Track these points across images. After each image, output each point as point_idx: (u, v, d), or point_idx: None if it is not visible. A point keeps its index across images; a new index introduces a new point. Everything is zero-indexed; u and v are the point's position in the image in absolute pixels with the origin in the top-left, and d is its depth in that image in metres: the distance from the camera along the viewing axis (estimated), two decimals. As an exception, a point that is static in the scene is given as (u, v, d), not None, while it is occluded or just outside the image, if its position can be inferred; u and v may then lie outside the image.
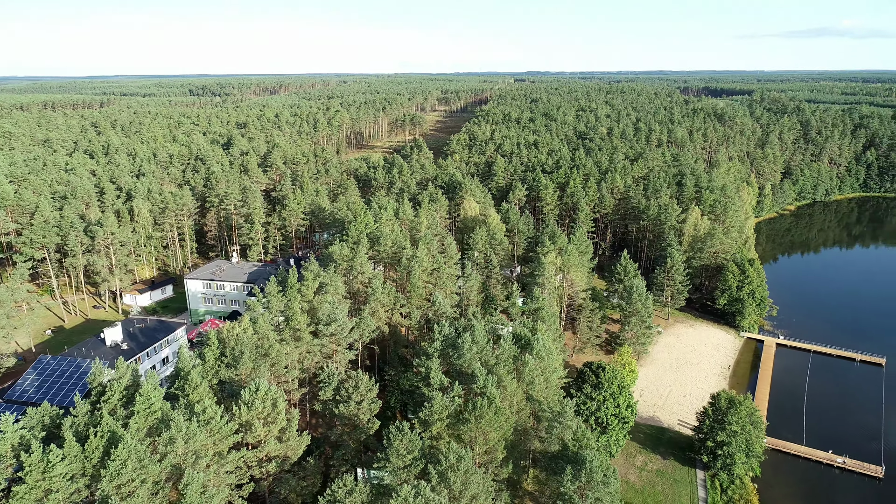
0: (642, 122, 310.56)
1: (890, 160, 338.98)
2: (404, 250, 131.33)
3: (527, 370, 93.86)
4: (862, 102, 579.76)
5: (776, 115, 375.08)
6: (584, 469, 72.04)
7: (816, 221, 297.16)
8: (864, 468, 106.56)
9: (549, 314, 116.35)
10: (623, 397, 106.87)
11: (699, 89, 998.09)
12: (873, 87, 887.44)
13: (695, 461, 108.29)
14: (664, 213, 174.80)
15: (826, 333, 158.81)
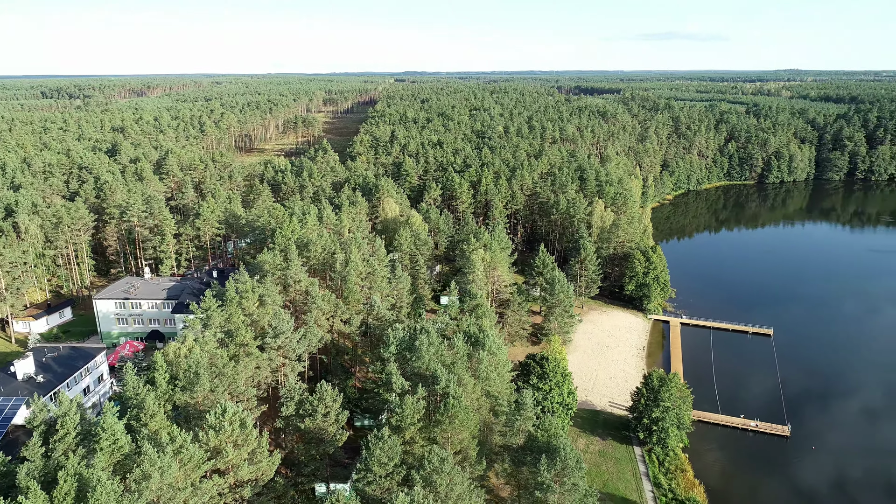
0: (535, 121, 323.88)
1: (748, 151, 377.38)
2: (335, 255, 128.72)
3: (482, 367, 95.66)
4: (715, 100, 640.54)
5: (650, 112, 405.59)
6: (558, 456, 74.87)
7: (691, 209, 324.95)
8: (773, 429, 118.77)
9: (488, 311, 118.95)
10: (566, 385, 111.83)
11: (571, 88, 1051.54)
12: (722, 85, 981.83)
13: (631, 439, 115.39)
14: (573, 207, 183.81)
15: (719, 310, 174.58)
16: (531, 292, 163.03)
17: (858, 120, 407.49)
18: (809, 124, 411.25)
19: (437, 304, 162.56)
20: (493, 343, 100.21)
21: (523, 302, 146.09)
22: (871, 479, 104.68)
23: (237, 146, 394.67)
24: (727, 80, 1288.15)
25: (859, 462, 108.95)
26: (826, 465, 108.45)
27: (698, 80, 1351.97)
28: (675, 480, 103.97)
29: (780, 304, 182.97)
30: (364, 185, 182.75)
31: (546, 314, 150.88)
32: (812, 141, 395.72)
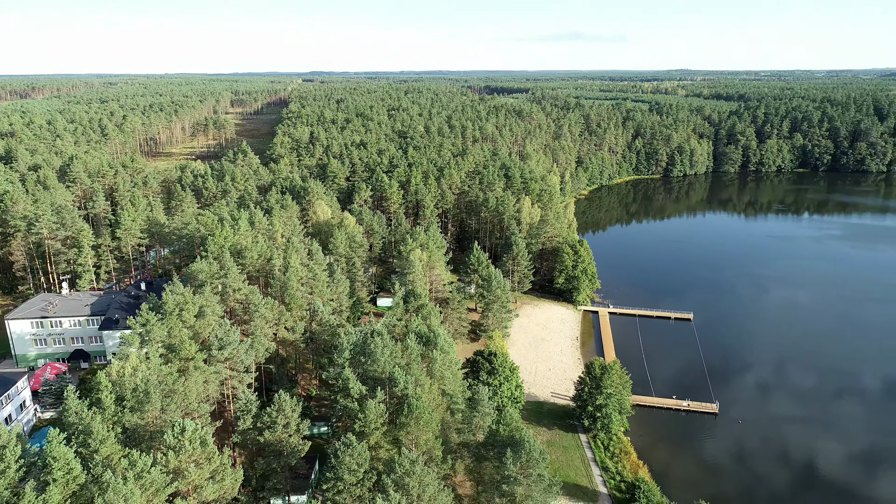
0: (455, 120, 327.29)
1: (653, 147, 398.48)
2: (272, 261, 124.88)
3: (436, 366, 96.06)
4: (619, 98, 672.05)
5: (563, 111, 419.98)
6: (523, 449, 76.52)
7: (605, 203, 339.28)
8: (703, 407, 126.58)
9: (433, 310, 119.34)
10: (514, 379, 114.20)
11: (481, 88, 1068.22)
12: (623, 84, 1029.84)
13: (576, 427, 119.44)
14: (502, 205, 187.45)
15: (642, 298, 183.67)
16: (467, 290, 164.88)
17: (748, 116, 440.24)
18: (706, 121, 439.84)
19: (374, 307, 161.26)
20: (444, 342, 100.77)
21: (462, 300, 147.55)
22: (791, 445, 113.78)
23: (142, 150, 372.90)
24: (627, 80, 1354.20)
25: (780, 431, 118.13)
26: (752, 436, 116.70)
27: (600, 79, 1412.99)
28: (620, 463, 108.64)
29: (695, 289, 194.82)
30: (292, 188, 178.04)
31: (484, 311, 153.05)
32: (709, 136, 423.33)
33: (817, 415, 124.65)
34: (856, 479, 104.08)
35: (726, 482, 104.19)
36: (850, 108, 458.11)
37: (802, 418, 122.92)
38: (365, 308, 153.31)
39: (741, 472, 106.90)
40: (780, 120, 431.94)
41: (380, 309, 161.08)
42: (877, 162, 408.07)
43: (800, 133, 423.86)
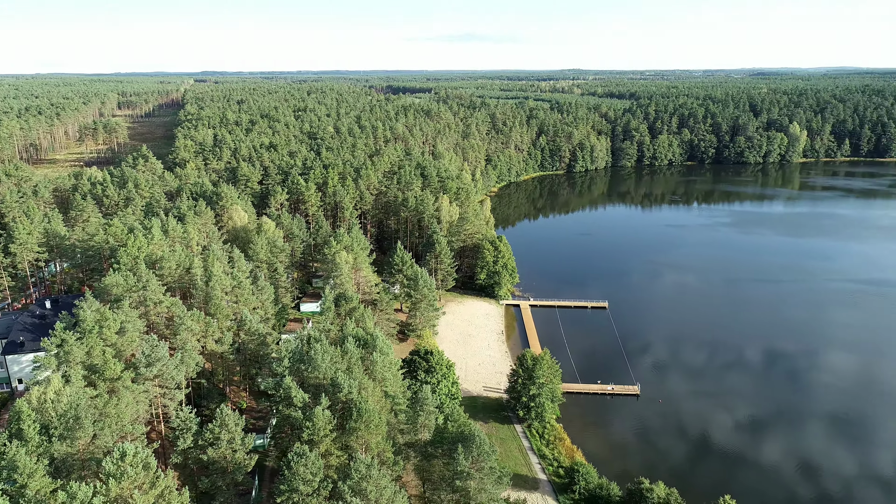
0: (365, 120, 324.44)
1: (556, 144, 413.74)
2: (191, 270, 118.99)
3: (377, 368, 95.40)
4: (520, 98, 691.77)
5: (469, 110, 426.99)
6: (474, 444, 77.71)
7: (513, 199, 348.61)
8: (626, 390, 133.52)
9: (367, 312, 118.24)
10: (451, 376, 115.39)
11: (383, 88, 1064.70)
12: (521, 83, 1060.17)
13: (510, 418, 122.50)
14: (421, 204, 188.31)
15: (559, 290, 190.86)
16: (391, 290, 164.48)
17: (641, 114, 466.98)
18: (603, 118, 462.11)
19: (298, 312, 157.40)
20: (383, 343, 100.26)
21: (390, 300, 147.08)
22: (703, 416, 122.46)
23: (21, 158, 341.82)
24: (524, 79, 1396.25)
25: (693, 404, 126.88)
26: (672, 414, 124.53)
27: (499, 79, 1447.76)
28: (556, 450, 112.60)
29: (607, 279, 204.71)
30: (203, 193, 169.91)
31: (411, 310, 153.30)
32: (607, 133, 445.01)
33: (720, 386, 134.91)
34: (757, 439, 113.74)
35: (654, 457, 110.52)
36: (728, 104, 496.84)
37: (709, 391, 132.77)
38: (290, 314, 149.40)
39: (666, 446, 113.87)
40: (670, 117, 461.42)
41: (305, 314, 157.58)
42: (754, 154, 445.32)
43: (687, 129, 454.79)
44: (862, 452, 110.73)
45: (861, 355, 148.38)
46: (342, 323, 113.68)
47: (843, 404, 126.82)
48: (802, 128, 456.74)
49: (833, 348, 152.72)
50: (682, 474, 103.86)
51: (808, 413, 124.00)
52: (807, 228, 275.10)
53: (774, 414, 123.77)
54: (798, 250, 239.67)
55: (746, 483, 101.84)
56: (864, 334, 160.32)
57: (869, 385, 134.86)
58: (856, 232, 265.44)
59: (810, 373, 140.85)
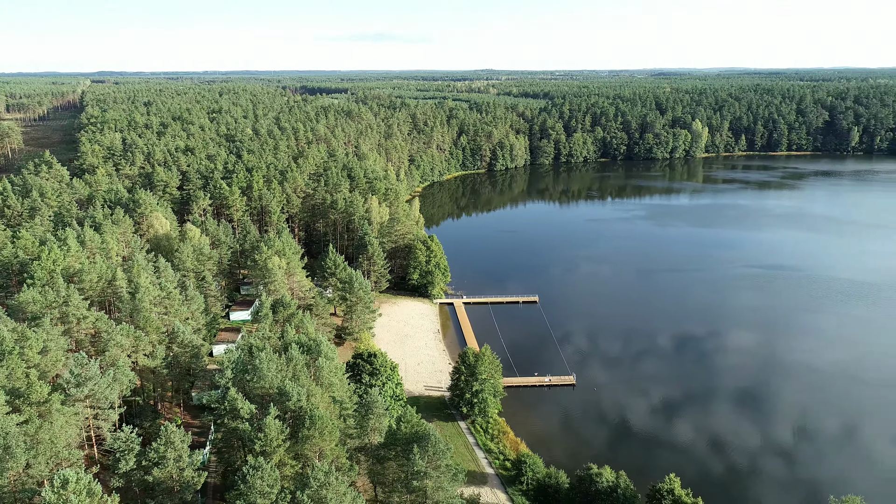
0: (284, 122, 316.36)
1: (477, 143, 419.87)
2: (115, 282, 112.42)
3: (323, 374, 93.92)
4: (437, 98, 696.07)
5: (390, 111, 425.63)
6: (429, 443, 78.08)
7: (437, 199, 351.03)
8: (562, 380, 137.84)
9: (307, 317, 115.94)
10: (395, 377, 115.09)
11: (297, 88, 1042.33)
12: (437, 84, 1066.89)
13: (454, 416, 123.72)
14: (351, 206, 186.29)
15: (490, 286, 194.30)
16: (325, 294, 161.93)
17: (556, 113, 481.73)
18: (521, 117, 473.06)
19: (229, 321, 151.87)
20: (327, 348, 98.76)
21: (326, 304, 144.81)
22: (640, 402, 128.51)
23: None
24: (440, 80, 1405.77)
25: (628, 391, 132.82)
26: (607, 400, 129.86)
27: (414, 79, 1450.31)
28: (501, 444, 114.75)
29: (535, 274, 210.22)
30: (118, 201, 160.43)
31: (347, 313, 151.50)
32: (525, 132, 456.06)
33: (648, 370, 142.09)
34: (687, 416, 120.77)
35: (596, 442, 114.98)
36: (637, 103, 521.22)
37: (638, 375, 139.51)
38: (221, 324, 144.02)
39: (606, 431, 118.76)
40: (583, 115, 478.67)
41: (235, 323, 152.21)
42: (661, 150, 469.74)
43: (600, 126, 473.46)
44: (769, 421, 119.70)
45: (764, 334, 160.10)
46: (282, 330, 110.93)
47: (754, 379, 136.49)
48: (704, 125, 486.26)
49: (743, 329, 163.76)
50: (625, 457, 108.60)
51: (726, 389, 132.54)
52: (712, 219, 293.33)
53: (699, 392, 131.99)
54: (706, 239, 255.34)
55: (685, 459, 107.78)
56: (767, 315, 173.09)
57: (771, 359, 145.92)
58: (755, 221, 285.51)
59: (724, 352, 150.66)
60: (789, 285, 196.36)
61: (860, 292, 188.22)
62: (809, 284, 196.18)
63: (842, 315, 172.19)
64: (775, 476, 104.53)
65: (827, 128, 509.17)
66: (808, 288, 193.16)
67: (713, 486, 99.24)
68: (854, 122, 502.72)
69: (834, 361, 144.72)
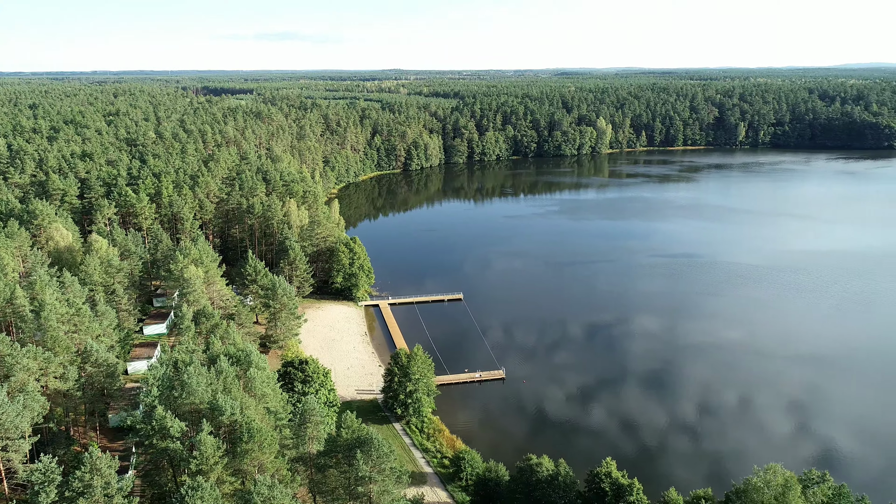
0: (190, 124, 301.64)
1: (391, 143, 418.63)
2: (14, 301, 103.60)
3: (256, 385, 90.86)
4: (347, 98, 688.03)
5: (301, 111, 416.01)
6: (373, 447, 77.38)
7: (354, 200, 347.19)
8: (492, 375, 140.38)
9: (232, 328, 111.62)
10: (328, 383, 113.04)
11: (198, 89, 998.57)
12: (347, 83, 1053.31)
13: (388, 418, 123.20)
14: (269, 210, 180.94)
15: (414, 286, 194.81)
16: (245, 302, 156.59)
17: (468, 112, 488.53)
18: (434, 117, 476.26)
19: (143, 336, 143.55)
20: (258, 358, 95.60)
21: (250, 313, 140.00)
22: (567, 390, 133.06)
23: None
24: (347, 79, 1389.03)
25: (556, 381, 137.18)
26: (537, 391, 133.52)
27: (322, 79, 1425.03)
28: (437, 442, 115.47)
29: (458, 271, 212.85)
30: (10, 213, 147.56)
31: (270, 321, 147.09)
32: (438, 131, 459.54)
33: (572, 359, 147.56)
34: (613, 400, 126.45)
35: (531, 433, 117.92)
36: (544, 102, 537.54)
37: (564, 365, 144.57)
38: (135, 339, 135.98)
39: (540, 421, 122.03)
40: (494, 114, 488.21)
41: (150, 338, 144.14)
42: (569, 147, 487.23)
43: (510, 125, 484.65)
44: (685, 398, 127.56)
45: (674, 317, 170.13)
46: (206, 342, 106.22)
47: (669, 360, 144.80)
48: (608, 122, 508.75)
49: (655, 314, 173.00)
50: (561, 444, 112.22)
51: (645, 371, 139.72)
52: (621, 211, 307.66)
53: (621, 376, 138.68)
54: (616, 231, 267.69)
55: (617, 441, 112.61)
56: (675, 299, 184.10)
57: (681, 340, 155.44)
58: (659, 212, 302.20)
59: (640, 337, 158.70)
60: (692, 271, 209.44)
61: (754, 275, 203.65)
62: (710, 269, 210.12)
63: (739, 297, 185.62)
64: (697, 448, 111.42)
65: (717, 123, 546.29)
66: (709, 273, 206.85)
67: (645, 465, 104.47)
68: (741, 118, 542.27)
69: (734, 338, 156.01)
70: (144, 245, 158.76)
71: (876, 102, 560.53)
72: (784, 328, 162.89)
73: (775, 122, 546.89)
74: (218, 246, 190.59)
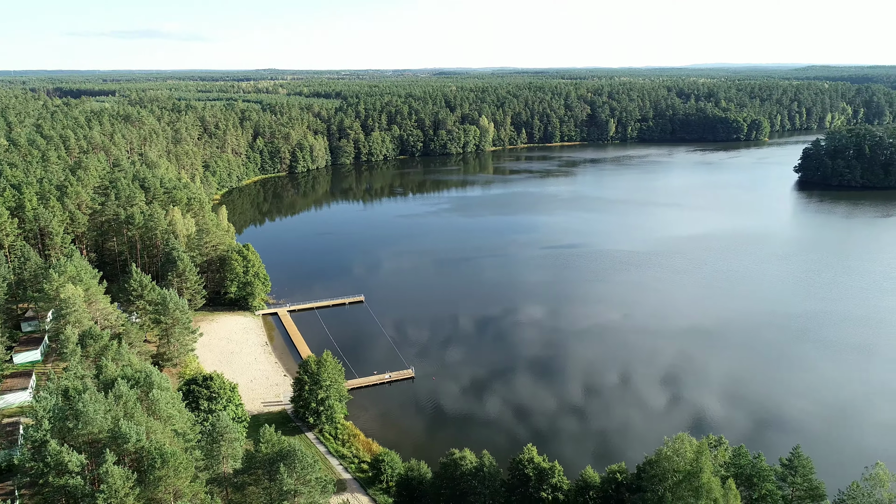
0: (49, 129, 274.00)
1: (275, 146, 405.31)
2: None
3: (161, 407, 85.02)
4: (221, 99, 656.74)
5: (175, 114, 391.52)
6: (296, 459, 75.23)
7: (238, 205, 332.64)
8: (402, 375, 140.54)
9: (124, 348, 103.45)
10: (235, 398, 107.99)
11: (50, 90, 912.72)
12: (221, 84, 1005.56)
13: (299, 428, 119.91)
14: (151, 220, 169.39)
15: (313, 291, 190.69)
16: (132, 320, 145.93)
17: (353, 112, 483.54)
18: (317, 118, 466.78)
19: (13, 365, 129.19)
20: (159, 377, 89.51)
21: (139, 331, 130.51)
22: (476, 383, 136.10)
23: None
24: (220, 80, 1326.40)
25: (464, 374, 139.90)
26: (446, 386, 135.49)
27: (191, 79, 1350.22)
28: (353, 447, 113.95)
29: (357, 273, 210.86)
30: None
31: (162, 337, 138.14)
32: (323, 132, 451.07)
33: (476, 352, 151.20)
34: (518, 387, 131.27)
35: (445, 429, 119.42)
36: (428, 102, 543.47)
37: (469, 358, 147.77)
38: (4, 369, 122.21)
39: (453, 416, 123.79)
40: (379, 114, 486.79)
41: (21, 366, 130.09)
42: (454, 145, 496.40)
43: (396, 125, 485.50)
44: (584, 378, 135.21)
45: (567, 304, 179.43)
46: (97, 365, 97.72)
47: (565, 344, 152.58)
48: (489, 120, 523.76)
49: (551, 302, 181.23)
50: (479, 436, 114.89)
51: (545, 356, 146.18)
52: (508, 206, 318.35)
53: (525, 363, 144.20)
54: (505, 226, 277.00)
55: (532, 427, 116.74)
56: (566, 287, 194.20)
57: (574, 325, 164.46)
58: (544, 206, 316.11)
59: (539, 324, 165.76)
60: (578, 260, 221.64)
61: (633, 260, 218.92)
62: (594, 258, 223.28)
63: (620, 282, 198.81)
64: (603, 426, 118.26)
65: (590, 120, 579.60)
66: (594, 261, 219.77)
67: (562, 447, 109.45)
68: (610, 115, 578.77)
69: (620, 320, 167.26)
70: (8, 264, 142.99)
71: (724, 99, 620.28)
72: (665, 307, 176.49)
73: (641, 118, 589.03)
74: (94, 261, 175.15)
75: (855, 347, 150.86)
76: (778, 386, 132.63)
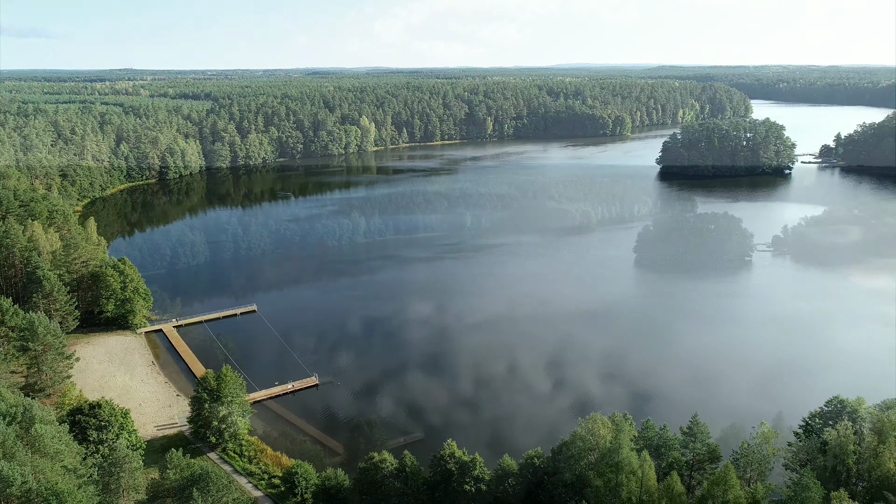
0: None
1: (141, 151, 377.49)
2: None
3: (46, 443, 76.86)
4: (73, 101, 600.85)
5: (22, 118, 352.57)
6: (210, 482, 71.23)
7: (103, 217, 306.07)
8: (305, 383, 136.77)
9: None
10: (129, 425, 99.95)
11: None
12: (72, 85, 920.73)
13: (200, 449, 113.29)
14: (7, 237, 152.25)
15: (200, 304, 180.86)
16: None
17: (226, 114, 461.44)
18: (188, 120, 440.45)
19: None
20: (40, 410, 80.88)
21: (3, 362, 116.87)
22: (382, 384, 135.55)
23: None
24: (68, 80, 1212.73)
25: (367, 376, 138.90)
26: (349, 390, 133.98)
27: (33, 79, 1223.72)
28: (261, 463, 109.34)
29: (246, 281, 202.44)
30: None
31: (32, 366, 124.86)
32: (195, 136, 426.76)
33: (377, 353, 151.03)
34: (424, 384, 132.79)
35: (358, 433, 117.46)
36: (306, 102, 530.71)
37: (370, 360, 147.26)
38: None
39: (362, 419, 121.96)
40: (255, 116, 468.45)
41: None
42: (336, 146, 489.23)
43: (274, 126, 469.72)
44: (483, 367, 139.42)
45: (464, 298, 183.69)
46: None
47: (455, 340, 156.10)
48: (370, 121, 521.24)
49: (447, 296, 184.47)
50: (395, 435, 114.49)
51: (446, 351, 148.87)
52: (395, 206, 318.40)
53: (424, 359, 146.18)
54: (394, 225, 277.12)
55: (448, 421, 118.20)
56: (466, 283, 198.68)
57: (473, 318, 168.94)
58: (430, 204, 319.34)
59: (437, 319, 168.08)
60: (467, 255, 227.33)
61: (524, 251, 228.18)
62: (485, 251, 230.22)
63: (522, 271, 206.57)
64: (511, 413, 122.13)
65: (468, 119, 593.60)
66: (487, 254, 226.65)
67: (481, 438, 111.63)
68: (487, 114, 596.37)
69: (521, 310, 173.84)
70: None
71: (590, 97, 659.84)
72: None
73: (516, 116, 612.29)
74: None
75: (724, 319, 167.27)
76: (662, 361, 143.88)
